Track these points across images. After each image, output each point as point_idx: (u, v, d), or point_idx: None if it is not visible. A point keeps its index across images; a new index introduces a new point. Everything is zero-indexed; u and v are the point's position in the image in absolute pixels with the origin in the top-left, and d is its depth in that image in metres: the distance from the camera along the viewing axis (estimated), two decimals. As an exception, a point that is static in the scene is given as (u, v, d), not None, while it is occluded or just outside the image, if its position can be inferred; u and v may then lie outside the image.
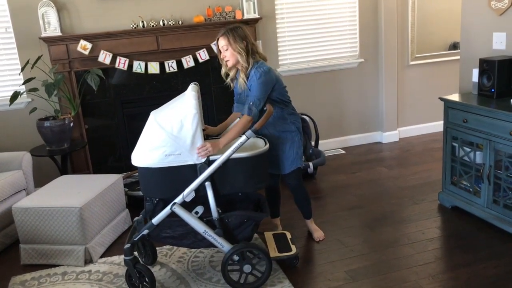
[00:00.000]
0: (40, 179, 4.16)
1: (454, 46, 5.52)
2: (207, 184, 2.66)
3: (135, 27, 4.32)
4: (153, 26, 4.35)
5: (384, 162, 4.81)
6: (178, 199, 2.68)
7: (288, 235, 3.13)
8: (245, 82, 2.89)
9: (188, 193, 2.66)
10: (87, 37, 4.18)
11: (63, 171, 4.15)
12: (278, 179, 3.22)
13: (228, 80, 3.07)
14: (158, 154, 2.59)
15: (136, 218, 2.93)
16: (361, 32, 5.15)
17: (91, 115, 4.47)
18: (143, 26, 4.33)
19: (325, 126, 5.18)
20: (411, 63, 5.37)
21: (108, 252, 3.33)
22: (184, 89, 4.67)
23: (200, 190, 2.69)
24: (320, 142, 5.00)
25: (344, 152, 5.18)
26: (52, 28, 4.12)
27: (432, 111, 5.52)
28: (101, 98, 4.46)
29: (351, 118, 5.33)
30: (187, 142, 2.58)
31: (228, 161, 2.65)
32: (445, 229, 3.35)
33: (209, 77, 4.68)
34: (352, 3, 5.06)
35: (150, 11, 4.40)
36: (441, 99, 3.52)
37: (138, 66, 4.34)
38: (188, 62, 4.44)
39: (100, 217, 3.32)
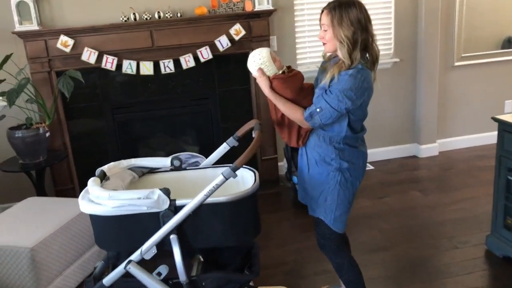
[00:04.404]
0: (15, 195, 3.62)
1: (510, 42, 4.65)
2: (173, 238, 2.00)
3: (125, 21, 3.68)
4: (146, 19, 3.70)
5: (420, 184, 4.03)
6: (135, 256, 2.04)
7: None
8: (331, 79, 2.03)
9: (147, 249, 2.02)
10: (68, 32, 3.57)
11: (40, 188, 3.59)
12: None
13: (325, 59, 2.25)
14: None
15: (97, 264, 2.33)
16: (396, 27, 4.35)
17: (77, 121, 3.89)
18: (135, 19, 3.68)
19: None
20: (456, 64, 4.53)
21: (73, 297, 2.75)
22: (183, 92, 4.08)
23: (166, 244, 2.04)
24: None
25: (372, 168, 4.42)
26: (29, 22, 3.53)
27: (480, 121, 4.67)
28: (87, 102, 3.86)
29: (382, 127, 4.55)
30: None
31: (201, 207, 1.98)
32: (495, 290, 2.59)
33: (213, 79, 4.00)
34: (387, -8, 4.27)
35: (144, 1, 3.75)
36: (495, 119, 2.72)
37: (129, 66, 3.70)
38: (187, 61, 3.77)
39: (62, 256, 2.73)
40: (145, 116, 4.07)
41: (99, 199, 1.98)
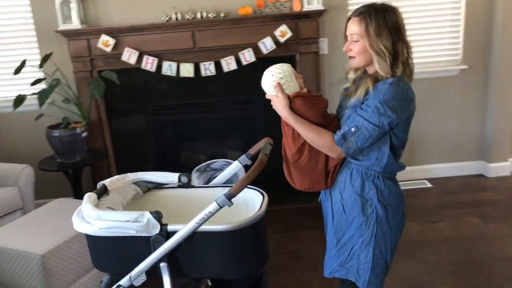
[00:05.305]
0: (55, 192, 3.66)
1: None
2: (163, 265, 1.83)
3: (167, 20, 3.56)
4: (189, 19, 3.56)
5: (481, 209, 3.55)
6: (124, 281, 1.89)
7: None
8: (366, 92, 1.71)
9: (136, 275, 1.86)
10: (110, 31, 3.53)
11: (76, 187, 3.59)
12: None
13: (349, 83, 1.89)
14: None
15: (103, 278, 2.22)
16: (467, 29, 3.87)
17: (119, 121, 3.85)
18: (177, 19, 3.56)
19: (408, 149, 4.01)
20: (537, 72, 3.96)
21: (86, 306, 2.68)
22: (225, 96, 3.90)
23: (157, 272, 1.87)
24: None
25: (430, 185, 3.99)
26: (72, 20, 3.52)
27: None
28: (129, 102, 3.82)
29: (444, 141, 4.10)
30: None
31: (195, 235, 1.79)
32: None
33: (257, 83, 3.77)
34: (456, -10, 3.82)
35: (188, 1, 3.60)
36: None
37: (169, 68, 3.59)
38: (228, 64, 3.59)
39: (76, 264, 2.65)
40: (186, 118, 3.96)
41: (89, 218, 1.86)
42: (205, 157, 3.88)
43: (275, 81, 1.81)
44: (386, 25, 1.67)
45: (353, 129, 1.69)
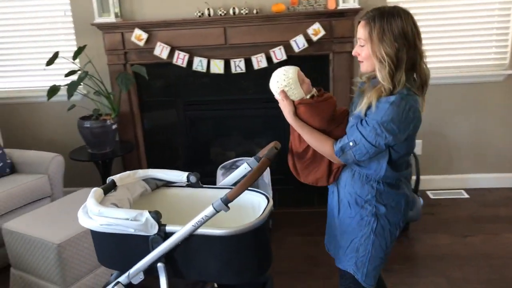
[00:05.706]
0: (85, 181, 3.78)
1: None
2: (160, 266, 1.81)
3: (199, 16, 3.55)
4: (221, 15, 3.53)
5: (520, 225, 3.33)
6: (123, 278, 1.90)
7: None
8: (368, 106, 1.66)
9: (134, 273, 1.86)
10: (143, 26, 3.56)
11: (106, 178, 3.64)
12: None
13: (364, 78, 1.82)
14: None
15: (113, 272, 2.25)
16: (516, 32, 3.63)
17: (150, 115, 3.90)
18: (209, 14, 3.54)
19: (445, 157, 3.84)
20: None
21: (100, 296, 2.72)
22: (255, 93, 3.85)
23: (154, 271, 1.86)
24: (436, 177, 3.76)
25: (467, 196, 3.77)
26: (108, 14, 3.58)
27: None
28: (161, 96, 3.85)
29: (486, 150, 3.87)
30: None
31: (192, 237, 1.76)
32: None
33: (287, 82, 3.71)
34: (506, -11, 3.57)
35: (221, -4, 3.59)
36: None
37: (199, 64, 3.58)
38: (259, 61, 3.54)
39: (93, 254, 2.65)
40: (217, 114, 3.95)
41: (91, 213, 1.88)
42: (234, 154, 3.87)
43: (280, 88, 1.82)
44: (391, 31, 1.60)
45: (351, 144, 1.71)
